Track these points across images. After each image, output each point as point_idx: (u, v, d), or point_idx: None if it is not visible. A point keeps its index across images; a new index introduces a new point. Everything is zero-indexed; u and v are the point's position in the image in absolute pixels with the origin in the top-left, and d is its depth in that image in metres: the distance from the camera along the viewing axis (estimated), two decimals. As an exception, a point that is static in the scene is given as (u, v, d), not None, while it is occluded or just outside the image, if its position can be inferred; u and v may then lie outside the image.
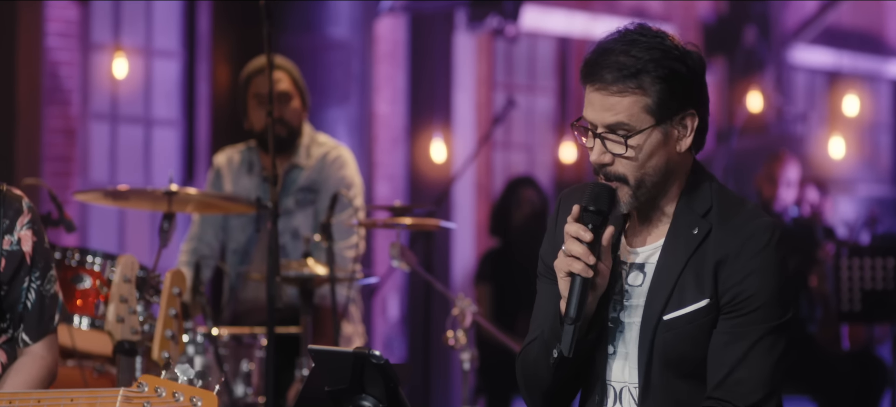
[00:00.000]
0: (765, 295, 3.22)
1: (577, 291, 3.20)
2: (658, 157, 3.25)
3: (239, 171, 6.43)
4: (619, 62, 3.21)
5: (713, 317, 3.24)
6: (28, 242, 3.90)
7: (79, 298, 4.98)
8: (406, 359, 10.75)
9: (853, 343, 8.40)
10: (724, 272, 3.23)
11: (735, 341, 3.21)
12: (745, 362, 3.21)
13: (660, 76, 3.21)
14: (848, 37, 14.08)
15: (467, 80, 11.29)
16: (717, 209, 3.29)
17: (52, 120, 9.11)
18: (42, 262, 3.92)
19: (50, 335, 3.93)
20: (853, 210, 12.54)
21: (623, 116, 3.22)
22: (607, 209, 3.24)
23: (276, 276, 5.07)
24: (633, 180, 3.24)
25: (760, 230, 3.24)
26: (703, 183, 3.32)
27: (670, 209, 3.32)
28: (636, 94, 3.21)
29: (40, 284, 3.91)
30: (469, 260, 11.09)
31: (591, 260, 3.20)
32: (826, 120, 14.11)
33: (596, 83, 3.24)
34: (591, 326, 3.28)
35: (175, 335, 4.57)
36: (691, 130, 3.27)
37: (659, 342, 3.25)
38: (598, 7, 11.72)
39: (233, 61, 9.49)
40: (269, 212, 5.13)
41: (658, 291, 3.27)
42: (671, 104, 3.23)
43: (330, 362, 3.33)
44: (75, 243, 8.25)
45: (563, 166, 11.59)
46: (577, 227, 3.22)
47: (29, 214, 3.91)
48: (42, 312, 3.91)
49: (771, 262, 3.23)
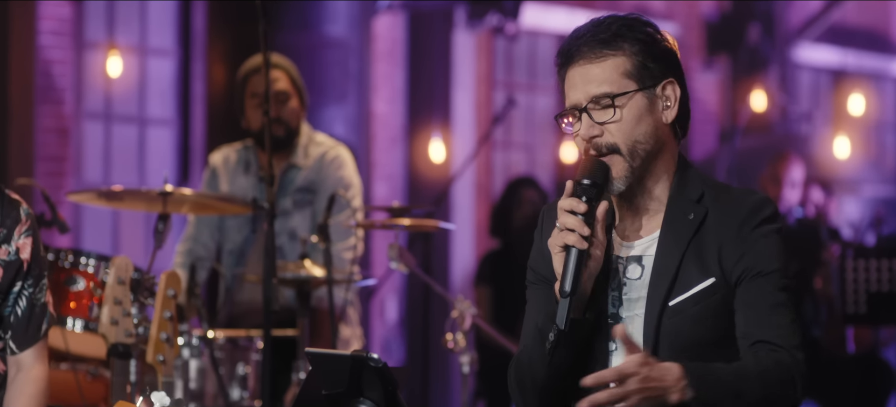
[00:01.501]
0: (774, 262, 3.27)
1: (573, 263, 3.22)
2: (646, 123, 3.29)
3: (235, 171, 6.43)
4: (594, 33, 3.32)
5: (720, 295, 3.27)
6: (27, 250, 3.89)
7: (72, 300, 4.98)
8: (404, 362, 10.75)
9: (858, 346, 8.40)
10: (727, 251, 3.28)
11: (761, 298, 3.26)
12: (773, 311, 3.25)
13: (638, 38, 3.29)
14: (853, 35, 14.08)
15: (467, 79, 11.29)
16: (710, 194, 3.34)
17: (45, 119, 9.11)
18: (37, 269, 3.92)
19: (38, 344, 3.92)
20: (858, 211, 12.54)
21: (605, 83, 3.28)
22: (601, 183, 3.27)
23: (272, 277, 5.07)
24: (625, 148, 3.28)
25: (757, 205, 3.30)
26: (691, 172, 3.38)
27: (661, 195, 3.35)
28: (616, 57, 3.29)
29: (32, 291, 3.91)
30: (468, 261, 11.09)
31: (585, 231, 3.22)
32: (831, 119, 14.11)
33: (575, 59, 3.31)
34: (588, 306, 3.29)
35: (170, 338, 4.57)
36: (675, 100, 3.32)
37: (666, 329, 3.27)
38: (599, 4, 11.72)
39: (228, 60, 9.49)
40: (266, 212, 5.13)
41: (660, 280, 3.29)
42: (652, 68, 3.29)
43: (327, 366, 3.33)
44: (69, 245, 8.25)
45: (565, 166, 11.58)
46: (570, 200, 3.26)
47: (27, 221, 3.91)
48: (31, 320, 3.90)
49: (770, 233, 3.29)
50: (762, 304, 3.25)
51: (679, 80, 3.34)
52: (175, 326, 4.60)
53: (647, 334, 3.29)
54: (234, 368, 5.88)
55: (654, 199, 3.36)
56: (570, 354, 3.31)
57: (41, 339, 3.93)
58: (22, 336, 3.89)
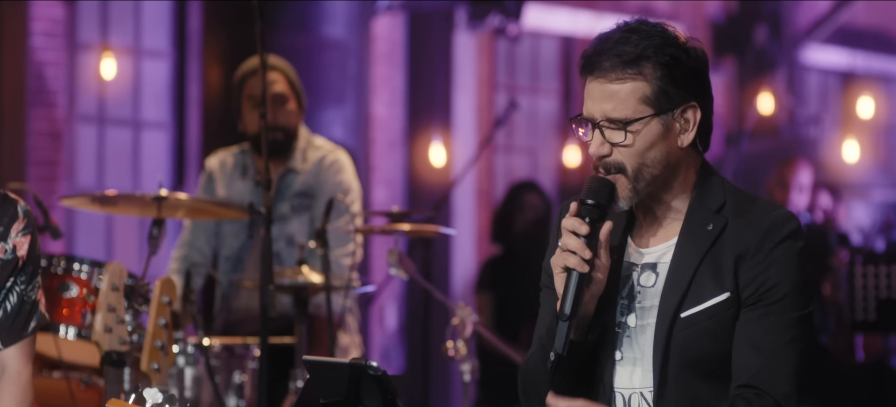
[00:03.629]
0: (788, 284, 3.24)
1: (573, 287, 3.21)
2: (657, 149, 3.27)
3: (232, 175, 6.44)
4: (618, 50, 3.26)
5: (734, 311, 3.25)
6: (24, 247, 3.90)
7: (65, 306, 4.98)
8: (404, 370, 10.76)
9: (868, 354, 8.40)
10: (746, 265, 3.25)
11: (762, 332, 3.23)
12: (773, 353, 3.22)
13: (660, 63, 3.25)
14: (863, 36, 14.08)
15: (468, 81, 11.29)
16: (732, 204, 3.31)
17: (38, 122, 9.12)
18: (31, 267, 3.92)
19: (23, 341, 3.92)
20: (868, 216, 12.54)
21: (621, 106, 3.25)
22: (605, 203, 3.26)
23: (269, 284, 5.07)
24: (630, 170, 3.27)
25: (780, 220, 3.27)
26: (713, 180, 3.35)
27: (680, 206, 3.34)
28: (635, 81, 3.25)
29: (24, 288, 3.91)
30: (469, 268, 11.10)
31: (586, 254, 3.22)
32: (840, 122, 14.11)
33: (595, 72, 3.28)
34: (590, 327, 3.29)
35: (165, 346, 4.58)
36: (694, 124, 3.30)
37: (676, 342, 3.26)
38: (603, 5, 11.73)
39: (224, 61, 9.50)
40: (263, 218, 5.13)
41: (673, 290, 3.28)
42: (672, 93, 3.26)
43: (325, 374, 3.33)
44: (61, 250, 8.26)
45: (568, 170, 11.59)
46: (573, 221, 3.25)
47: (24, 219, 3.91)
48: (18, 315, 3.90)
49: (793, 251, 3.26)
50: (766, 340, 3.23)
51: (702, 101, 3.30)
52: (170, 334, 4.60)
53: (656, 345, 3.28)
54: (231, 376, 5.88)
55: (672, 210, 3.35)
56: (574, 372, 3.31)
57: (28, 336, 3.91)
58: (8, 331, 3.89)
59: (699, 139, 3.32)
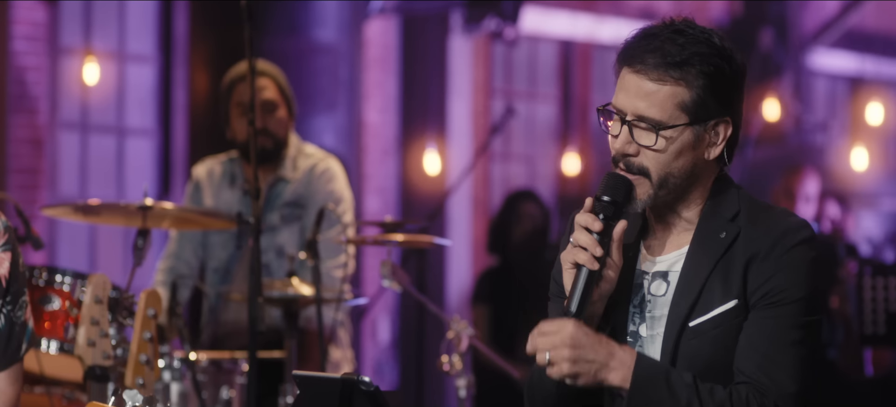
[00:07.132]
0: (796, 291, 3.24)
1: (581, 284, 3.22)
2: (685, 158, 3.28)
3: (220, 184, 6.44)
4: (664, 49, 3.25)
5: (742, 320, 3.26)
6: (5, 265, 3.88)
7: (47, 320, 4.98)
8: (398, 386, 10.76)
9: (877, 368, 8.41)
10: (754, 270, 3.26)
11: (766, 332, 3.23)
12: (777, 352, 3.22)
13: (704, 72, 3.25)
14: (871, 40, 14.11)
15: (463, 87, 11.31)
16: (746, 213, 3.32)
17: (19, 129, 9.12)
18: (15, 285, 3.90)
19: (15, 365, 3.92)
20: (877, 226, 12.56)
21: (656, 108, 3.24)
22: (622, 202, 3.26)
23: (258, 296, 5.08)
24: (656, 177, 3.27)
25: (793, 228, 3.28)
26: (729, 189, 3.36)
27: (692, 215, 3.34)
28: (676, 86, 3.24)
29: (11, 309, 3.90)
30: (465, 279, 11.10)
31: (597, 251, 3.22)
32: (848, 129, 14.14)
33: (635, 66, 3.27)
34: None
35: (150, 360, 4.58)
36: (723, 139, 3.31)
37: (684, 351, 3.27)
38: (603, 8, 11.75)
39: (212, 66, 9.51)
40: (252, 228, 5.13)
41: (683, 298, 3.29)
42: (710, 105, 3.27)
43: (316, 389, 3.34)
44: (43, 262, 8.25)
45: (566, 179, 11.61)
46: (586, 216, 3.25)
47: (4, 234, 3.89)
48: (9, 339, 3.89)
49: (803, 259, 3.26)
50: (770, 338, 3.23)
51: (735, 116, 3.31)
52: (155, 348, 4.61)
53: (664, 354, 3.28)
54: (218, 391, 5.89)
55: (685, 219, 3.35)
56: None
57: (19, 360, 3.92)
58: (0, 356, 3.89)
59: (725, 153, 3.33)
